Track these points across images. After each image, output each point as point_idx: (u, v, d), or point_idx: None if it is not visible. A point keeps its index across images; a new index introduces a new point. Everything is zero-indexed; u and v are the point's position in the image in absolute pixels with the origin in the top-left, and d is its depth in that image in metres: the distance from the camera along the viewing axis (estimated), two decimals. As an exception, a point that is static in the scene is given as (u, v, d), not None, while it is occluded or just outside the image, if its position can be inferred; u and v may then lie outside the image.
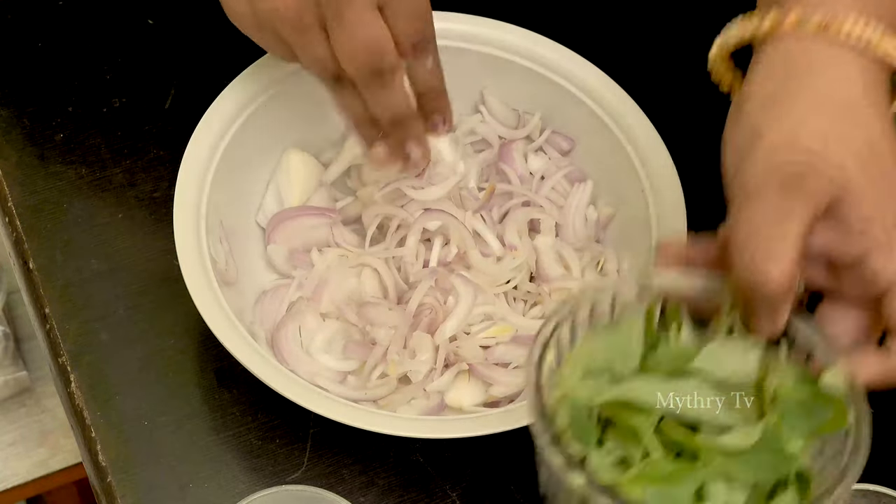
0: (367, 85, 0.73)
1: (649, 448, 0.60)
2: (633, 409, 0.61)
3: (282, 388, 0.70)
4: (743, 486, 0.59)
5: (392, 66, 0.72)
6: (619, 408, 0.61)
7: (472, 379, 0.77)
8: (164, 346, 0.80)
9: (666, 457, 0.60)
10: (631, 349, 0.63)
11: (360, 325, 0.78)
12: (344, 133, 0.86)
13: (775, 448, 0.60)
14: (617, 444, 0.61)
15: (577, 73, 0.84)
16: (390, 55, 0.71)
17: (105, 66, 0.92)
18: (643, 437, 0.60)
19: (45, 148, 0.88)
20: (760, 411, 0.62)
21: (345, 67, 0.72)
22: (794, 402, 0.61)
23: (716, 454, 0.60)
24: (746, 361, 0.62)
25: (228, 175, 0.80)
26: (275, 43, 0.74)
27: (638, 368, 0.63)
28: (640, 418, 0.61)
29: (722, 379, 0.62)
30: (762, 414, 0.61)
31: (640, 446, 0.60)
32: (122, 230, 0.85)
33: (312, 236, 0.82)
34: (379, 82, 0.72)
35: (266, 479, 0.76)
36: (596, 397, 0.61)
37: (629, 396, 0.61)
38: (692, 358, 0.62)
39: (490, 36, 0.85)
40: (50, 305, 0.81)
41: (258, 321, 0.79)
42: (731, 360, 0.62)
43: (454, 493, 0.77)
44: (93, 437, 0.77)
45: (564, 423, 0.61)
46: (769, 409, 0.61)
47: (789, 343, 0.63)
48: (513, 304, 0.80)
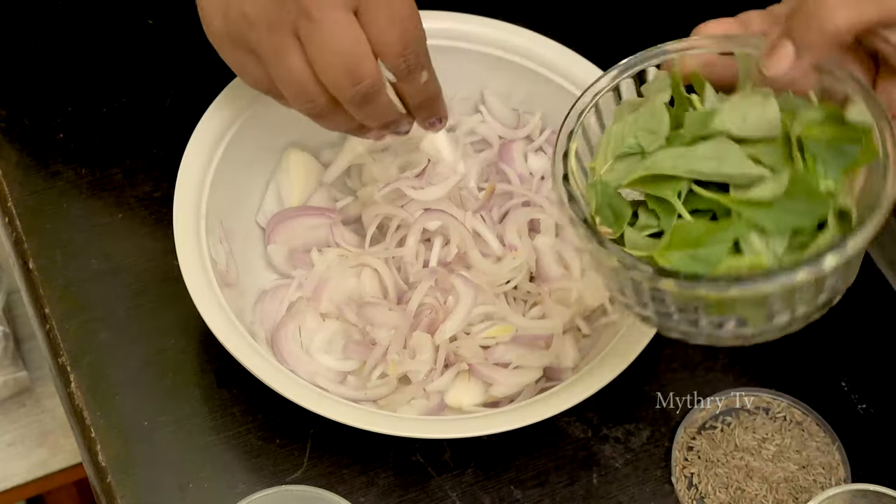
0: (349, 103, 0.69)
1: (681, 214, 0.59)
2: (662, 181, 0.59)
3: (282, 388, 0.70)
4: (780, 235, 0.58)
5: (372, 88, 0.68)
6: (648, 183, 0.60)
7: (472, 379, 0.77)
8: (164, 346, 0.80)
9: (698, 221, 0.59)
10: (658, 124, 0.62)
11: (360, 326, 0.78)
12: (344, 134, 0.86)
13: (809, 191, 0.58)
14: (650, 219, 0.60)
15: (577, 73, 0.84)
16: (369, 77, 0.68)
17: (105, 66, 0.92)
18: (674, 204, 0.59)
19: (45, 148, 0.88)
20: (789, 159, 0.60)
21: (322, 81, 0.68)
22: (823, 142, 0.59)
23: (748, 209, 0.58)
24: (768, 111, 0.60)
25: (228, 175, 0.80)
26: (248, 61, 0.70)
27: (665, 144, 0.62)
28: (668, 187, 0.59)
29: (746, 135, 0.60)
30: (791, 162, 0.60)
31: (672, 216, 0.59)
32: (122, 230, 0.85)
33: (312, 236, 0.82)
34: (360, 102, 0.69)
35: (266, 479, 0.76)
36: (626, 177, 0.60)
37: (656, 169, 0.60)
38: (714, 119, 0.61)
39: (490, 36, 0.85)
40: (50, 305, 0.81)
41: (258, 321, 0.79)
42: (753, 112, 0.60)
43: (454, 494, 0.77)
44: (93, 437, 0.77)
45: (595, 206, 0.60)
46: (797, 155, 0.60)
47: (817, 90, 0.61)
48: (513, 304, 0.80)
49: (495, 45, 0.85)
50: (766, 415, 0.81)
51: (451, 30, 0.84)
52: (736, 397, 0.81)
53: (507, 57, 0.85)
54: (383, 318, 0.77)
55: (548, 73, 0.84)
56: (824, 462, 0.79)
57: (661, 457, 0.79)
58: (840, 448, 0.79)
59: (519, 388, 0.76)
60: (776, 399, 0.81)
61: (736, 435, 0.79)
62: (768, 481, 0.78)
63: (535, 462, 0.78)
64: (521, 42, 0.85)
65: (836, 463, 0.79)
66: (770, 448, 0.79)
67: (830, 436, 0.80)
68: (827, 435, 0.80)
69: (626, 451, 0.79)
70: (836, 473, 0.78)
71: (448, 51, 0.84)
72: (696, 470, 0.78)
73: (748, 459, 0.78)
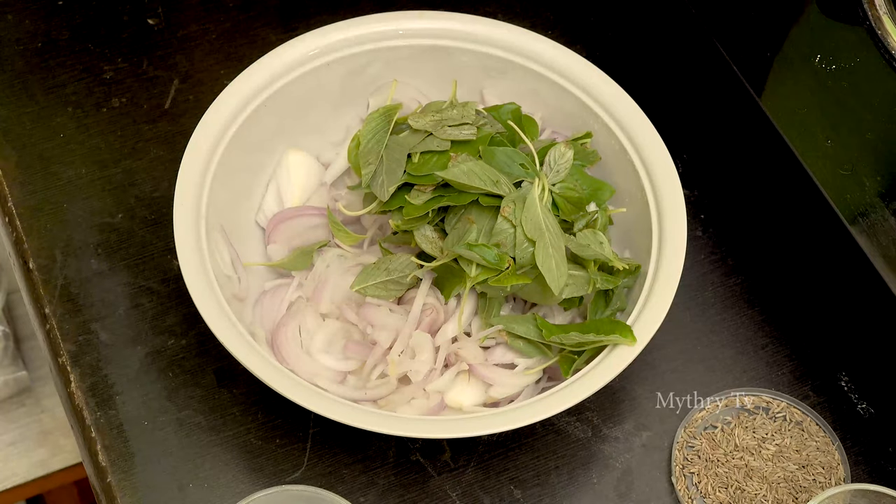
0: None
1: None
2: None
3: (282, 388, 0.70)
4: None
5: None
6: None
7: (472, 379, 0.77)
8: (164, 346, 0.80)
9: None
10: None
11: (361, 326, 0.78)
12: (344, 134, 0.86)
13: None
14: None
15: (578, 73, 0.84)
16: None
17: (105, 66, 0.92)
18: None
19: (45, 148, 0.88)
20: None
21: None
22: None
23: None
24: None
25: (228, 175, 0.80)
26: None
27: None
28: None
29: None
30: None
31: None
32: (122, 230, 0.85)
33: (312, 236, 0.82)
34: None
35: (266, 479, 0.76)
36: None
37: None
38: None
39: (490, 36, 0.85)
40: (50, 305, 0.81)
41: (258, 321, 0.79)
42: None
43: (454, 493, 0.77)
44: (93, 437, 0.77)
45: None
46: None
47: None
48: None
49: (495, 45, 0.85)
50: (766, 415, 0.81)
51: (451, 30, 0.84)
52: (736, 397, 0.81)
53: (507, 57, 0.85)
54: (384, 320, 0.77)
55: (548, 73, 0.84)
56: (824, 462, 0.79)
57: (661, 457, 0.79)
58: (840, 448, 0.79)
59: (519, 388, 0.76)
60: (776, 399, 0.81)
61: (736, 435, 0.79)
62: (768, 481, 0.78)
63: (535, 462, 0.78)
64: (521, 42, 0.85)
65: (835, 463, 0.79)
66: (770, 448, 0.79)
67: (830, 436, 0.80)
68: (827, 435, 0.80)
69: (626, 451, 0.79)
70: (835, 473, 0.78)
71: (448, 51, 0.84)
72: (696, 470, 0.78)
73: (748, 459, 0.79)
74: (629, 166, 0.81)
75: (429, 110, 0.79)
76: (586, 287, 0.75)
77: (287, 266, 0.80)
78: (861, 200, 0.76)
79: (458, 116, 0.77)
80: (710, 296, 0.85)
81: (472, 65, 0.85)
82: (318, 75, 0.83)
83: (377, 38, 0.84)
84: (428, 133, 0.77)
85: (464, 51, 0.85)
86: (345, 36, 0.84)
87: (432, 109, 0.79)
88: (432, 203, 0.75)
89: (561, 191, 0.76)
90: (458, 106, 0.78)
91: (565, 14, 0.96)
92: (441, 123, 0.77)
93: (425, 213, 0.75)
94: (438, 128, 0.77)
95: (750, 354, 0.83)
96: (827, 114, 0.80)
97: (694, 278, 0.86)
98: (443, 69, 0.85)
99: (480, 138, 0.77)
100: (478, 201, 0.74)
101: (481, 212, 0.74)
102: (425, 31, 0.84)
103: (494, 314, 0.76)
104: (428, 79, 0.86)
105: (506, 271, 0.73)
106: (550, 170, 0.77)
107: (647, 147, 0.81)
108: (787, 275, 0.86)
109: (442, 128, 0.76)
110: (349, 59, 0.84)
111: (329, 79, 0.84)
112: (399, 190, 0.75)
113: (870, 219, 0.76)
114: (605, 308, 0.77)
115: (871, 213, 0.76)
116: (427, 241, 0.76)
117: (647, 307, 0.74)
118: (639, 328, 0.73)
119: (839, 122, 0.79)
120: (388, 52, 0.84)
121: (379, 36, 0.84)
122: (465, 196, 0.74)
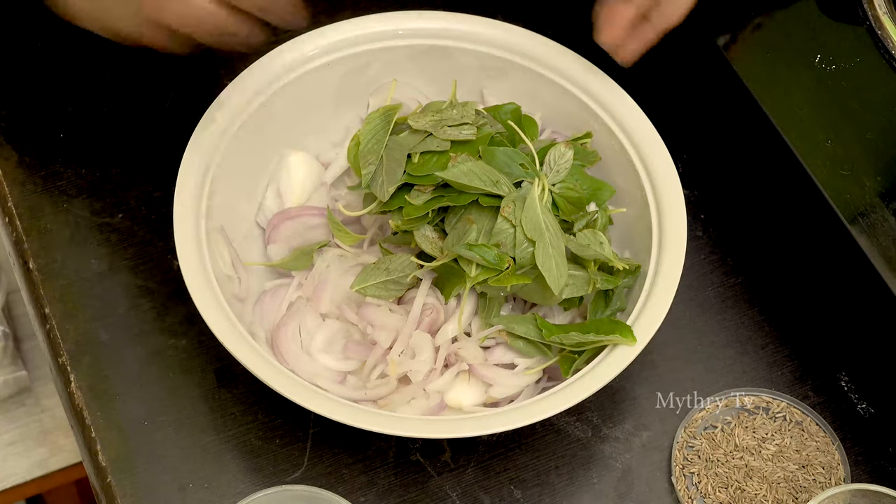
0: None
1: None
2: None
3: (282, 388, 0.70)
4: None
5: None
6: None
7: (472, 379, 0.77)
8: (164, 346, 0.80)
9: None
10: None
11: (361, 326, 0.78)
12: (344, 134, 0.86)
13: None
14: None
15: (578, 73, 0.84)
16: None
17: (105, 66, 0.92)
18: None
19: (45, 148, 0.88)
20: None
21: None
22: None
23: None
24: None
25: (228, 175, 0.80)
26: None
27: None
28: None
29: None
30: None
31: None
32: (122, 230, 0.85)
33: (312, 236, 0.82)
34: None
35: (266, 479, 0.76)
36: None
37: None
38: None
39: (490, 36, 0.85)
40: (50, 305, 0.81)
41: (258, 321, 0.79)
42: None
43: (454, 493, 0.77)
44: (93, 437, 0.77)
45: None
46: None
47: None
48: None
49: (495, 45, 0.85)
50: (766, 415, 0.81)
51: (451, 30, 0.84)
52: (736, 397, 0.81)
53: (507, 57, 0.85)
54: (384, 320, 0.77)
55: (548, 73, 0.84)
56: (824, 462, 0.79)
57: (661, 457, 0.79)
58: (840, 448, 0.79)
59: (519, 388, 0.76)
60: (776, 399, 0.81)
61: (736, 435, 0.79)
62: (768, 481, 0.78)
63: (535, 462, 0.78)
64: (521, 42, 0.85)
65: (835, 463, 0.79)
66: (770, 448, 0.79)
67: (830, 436, 0.80)
68: (827, 435, 0.80)
69: (626, 451, 0.79)
70: (835, 473, 0.78)
71: (448, 51, 0.84)
72: (696, 470, 0.78)
73: (748, 459, 0.79)
74: (629, 166, 0.81)
75: (429, 110, 0.79)
76: (586, 287, 0.75)
77: (287, 266, 0.80)
78: (861, 200, 0.76)
79: (458, 116, 0.77)
80: (710, 296, 0.85)
81: (471, 65, 0.85)
82: (318, 75, 0.83)
83: (377, 38, 0.84)
84: (428, 133, 0.77)
85: (464, 51, 0.85)
86: (344, 36, 0.84)
87: (432, 109, 0.79)
88: (432, 203, 0.75)
89: (561, 191, 0.76)
90: (458, 106, 0.78)
91: (565, 14, 0.96)
92: (441, 123, 0.77)
93: (425, 213, 0.75)
94: (438, 128, 0.77)
95: (750, 354, 0.83)
96: (827, 114, 0.80)
97: (694, 278, 0.86)
98: (443, 69, 0.85)
99: (480, 138, 0.77)
100: (478, 201, 0.74)
101: (481, 212, 0.74)
102: (425, 31, 0.84)
103: (494, 314, 0.76)
104: (428, 79, 0.86)
105: (506, 271, 0.73)
106: (550, 170, 0.77)
107: (647, 147, 0.81)
108: (787, 275, 0.86)
109: (442, 128, 0.76)
110: (349, 59, 0.84)
111: (329, 79, 0.84)
112: (399, 190, 0.75)
113: (870, 219, 0.76)
114: (605, 308, 0.77)
115: (871, 214, 0.76)
116: (427, 242, 0.76)
117: (647, 307, 0.74)
118: (639, 328, 0.73)
119: (839, 122, 0.79)
120: (388, 51, 0.84)
121: (379, 36, 0.84)
122: (465, 196, 0.74)
